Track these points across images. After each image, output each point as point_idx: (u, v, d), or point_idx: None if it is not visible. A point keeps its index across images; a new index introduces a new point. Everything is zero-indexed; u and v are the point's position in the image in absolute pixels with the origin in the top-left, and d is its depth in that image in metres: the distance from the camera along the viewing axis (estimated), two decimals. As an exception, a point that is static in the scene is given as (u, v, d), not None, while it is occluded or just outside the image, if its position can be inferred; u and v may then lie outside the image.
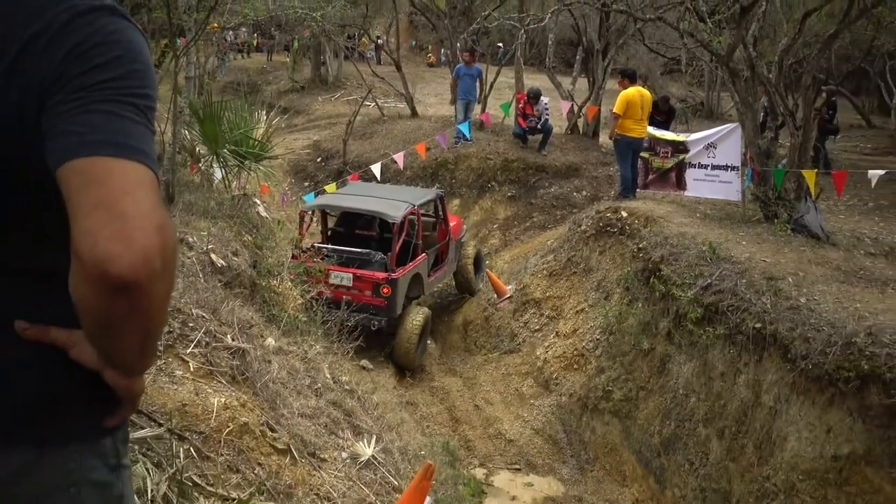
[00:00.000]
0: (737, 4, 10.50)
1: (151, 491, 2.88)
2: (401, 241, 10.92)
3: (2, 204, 1.31)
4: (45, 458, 1.35)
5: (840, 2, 10.83)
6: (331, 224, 12.38)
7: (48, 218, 1.25)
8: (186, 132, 9.08)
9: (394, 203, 11.15)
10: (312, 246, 11.03)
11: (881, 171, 9.83)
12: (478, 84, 17.60)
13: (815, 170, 10.07)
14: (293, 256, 9.98)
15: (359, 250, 11.06)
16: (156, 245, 1.14)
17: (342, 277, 10.53)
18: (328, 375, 6.60)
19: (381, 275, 10.57)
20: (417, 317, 11.01)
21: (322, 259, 10.40)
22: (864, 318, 7.04)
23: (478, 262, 13.55)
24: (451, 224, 12.71)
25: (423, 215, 11.82)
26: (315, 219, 11.93)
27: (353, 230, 12.01)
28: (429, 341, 11.74)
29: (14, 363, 1.33)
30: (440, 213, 12.39)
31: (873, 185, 10.25)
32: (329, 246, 11.24)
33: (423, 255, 11.60)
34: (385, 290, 10.51)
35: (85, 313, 1.20)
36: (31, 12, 1.23)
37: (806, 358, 7.08)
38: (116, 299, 1.14)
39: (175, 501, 2.93)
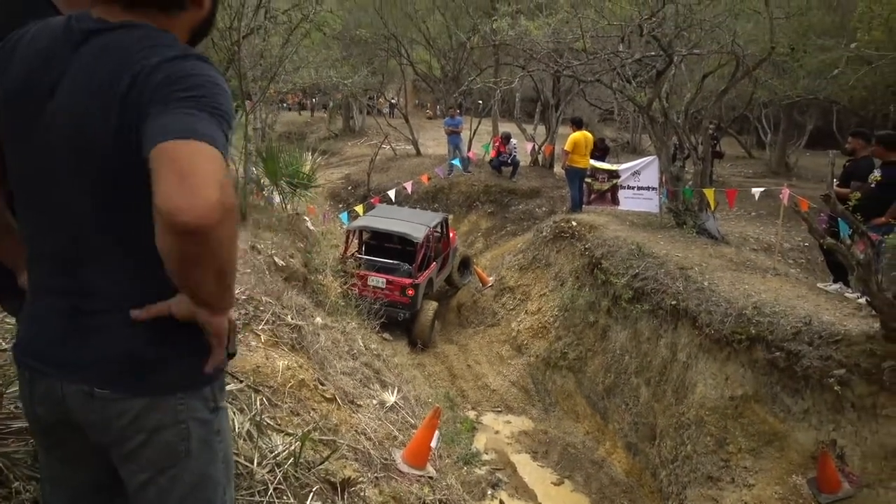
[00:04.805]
0: (653, 70, 10.54)
1: (238, 428, 2.88)
2: (421, 255, 10.95)
3: (139, 204, 1.26)
4: (159, 403, 1.36)
5: (728, 67, 10.86)
6: (365, 238, 12.36)
7: None
8: (254, 168, 9.07)
9: (415, 226, 11.16)
10: (353, 255, 11.10)
11: (761, 189, 9.86)
12: (459, 129, 17.59)
13: (713, 189, 10.10)
14: (341, 261, 10.07)
15: (390, 261, 11.09)
16: (214, 199, 1.13)
17: (377, 281, 10.58)
18: (361, 344, 6.59)
19: (407, 280, 10.61)
20: (430, 308, 11.17)
21: (360, 266, 10.67)
22: (751, 295, 7.06)
23: (465, 264, 13.52)
24: (450, 236, 12.73)
25: (433, 232, 11.83)
26: (354, 235, 11.92)
27: (383, 244, 11.98)
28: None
29: (132, 336, 1.35)
30: (444, 230, 12.40)
31: (755, 199, 10.29)
32: (369, 257, 11.31)
33: (434, 263, 11.62)
34: (410, 292, 10.57)
35: (167, 258, 1.19)
36: (134, 62, 1.25)
37: (709, 325, 7.11)
38: (186, 242, 1.14)
39: (255, 436, 2.93)
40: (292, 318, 4.94)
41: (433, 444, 4.66)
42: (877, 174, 6.80)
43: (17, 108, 1.35)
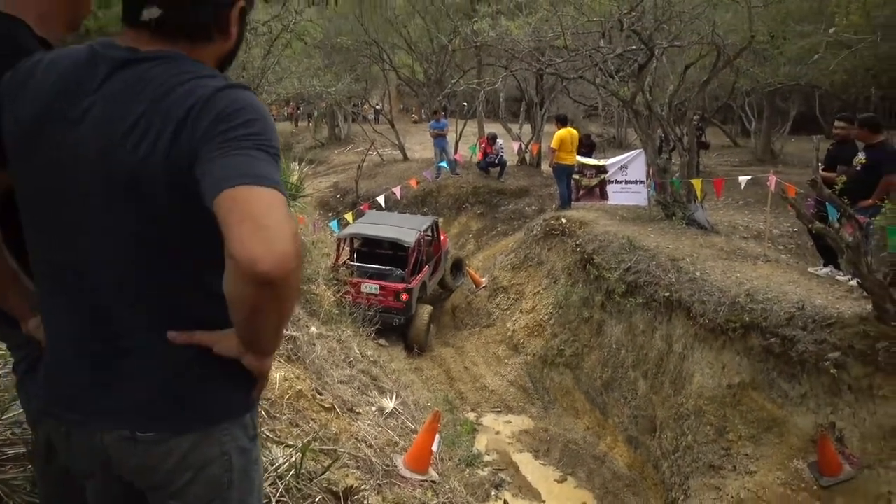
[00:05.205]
0: (635, 63, 10.58)
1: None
2: (413, 259, 10.93)
3: (176, 238, 1.28)
4: (207, 437, 1.34)
5: (709, 57, 10.92)
6: (356, 245, 12.34)
7: (203, 247, 1.23)
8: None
9: (405, 230, 11.14)
10: (345, 263, 11.06)
11: (747, 177, 9.93)
12: (445, 132, 17.61)
13: (700, 179, 10.14)
14: (333, 269, 10.01)
15: (383, 267, 11.06)
16: (290, 249, 1.11)
17: (371, 287, 10.56)
18: (357, 352, 6.58)
19: (400, 285, 10.58)
20: (425, 312, 11.13)
21: (352, 273, 10.55)
22: (743, 283, 7.09)
23: (457, 266, 13.51)
24: (441, 239, 12.73)
25: (424, 236, 11.81)
26: (345, 243, 11.89)
27: (375, 250, 11.97)
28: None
29: (168, 374, 1.32)
30: (435, 233, 12.39)
31: (742, 187, 10.34)
32: (361, 264, 11.26)
33: (427, 267, 11.60)
34: (404, 297, 10.54)
35: (236, 304, 1.17)
36: (184, 94, 1.21)
37: (703, 315, 7.13)
38: (262, 290, 1.12)
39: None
40: (287, 330, 4.92)
41: (434, 447, 4.66)
42: (861, 157, 6.85)
43: (35, 137, 1.29)
